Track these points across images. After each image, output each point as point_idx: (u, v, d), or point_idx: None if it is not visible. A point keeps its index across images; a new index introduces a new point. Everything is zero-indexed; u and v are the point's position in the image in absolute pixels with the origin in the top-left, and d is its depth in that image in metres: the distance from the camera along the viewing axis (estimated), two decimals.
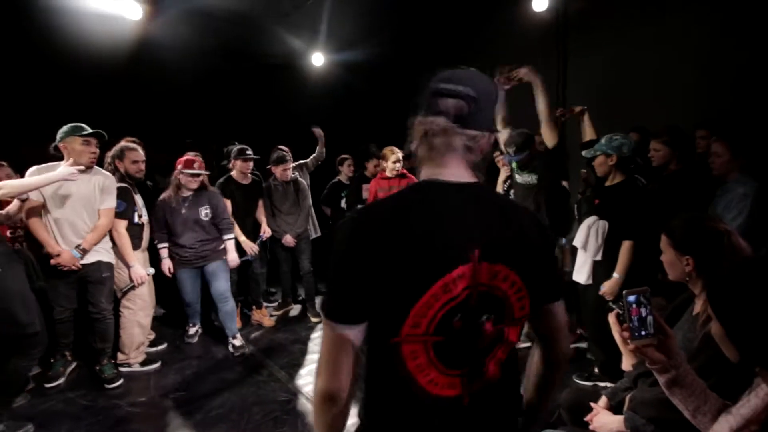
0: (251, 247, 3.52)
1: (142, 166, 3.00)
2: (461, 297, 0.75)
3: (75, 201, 2.57)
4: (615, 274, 2.33)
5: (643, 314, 1.09)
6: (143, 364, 2.99)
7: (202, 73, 5.76)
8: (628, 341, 1.08)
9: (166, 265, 3.16)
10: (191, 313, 3.45)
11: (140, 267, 2.91)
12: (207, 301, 3.44)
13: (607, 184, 2.46)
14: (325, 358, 0.76)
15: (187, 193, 3.11)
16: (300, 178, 3.86)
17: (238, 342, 3.25)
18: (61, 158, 2.53)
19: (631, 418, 1.35)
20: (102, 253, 2.72)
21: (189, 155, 3.12)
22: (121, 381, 2.77)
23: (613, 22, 4.60)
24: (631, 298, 1.10)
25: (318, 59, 6.70)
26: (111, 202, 2.72)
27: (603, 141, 2.41)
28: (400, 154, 3.55)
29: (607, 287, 2.35)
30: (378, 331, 0.76)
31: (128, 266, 2.85)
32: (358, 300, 0.74)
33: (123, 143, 2.98)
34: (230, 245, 3.26)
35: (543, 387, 0.98)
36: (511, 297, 0.80)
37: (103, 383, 2.72)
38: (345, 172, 4.24)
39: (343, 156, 4.33)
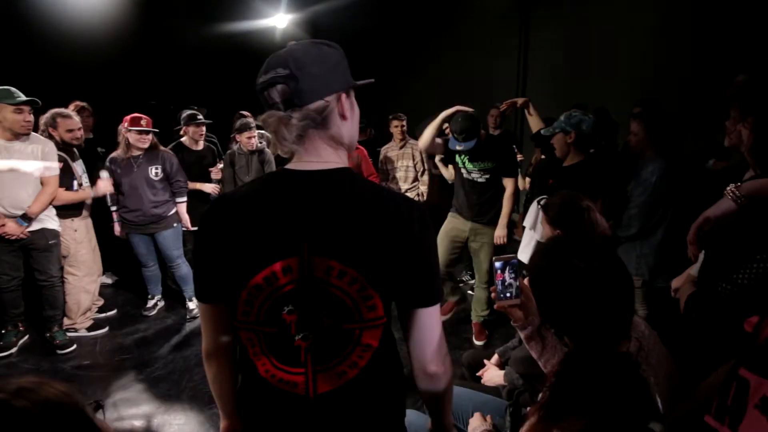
0: (213, 189, 3.52)
1: (78, 134, 2.93)
2: (286, 289, 0.75)
3: (14, 171, 2.51)
4: None
5: (507, 279, 1.22)
6: (90, 329, 3.05)
7: (160, 35, 5.54)
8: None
9: (118, 227, 3.17)
10: (149, 279, 3.38)
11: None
12: (165, 265, 3.41)
13: (565, 164, 2.38)
14: (201, 324, 0.87)
15: (137, 153, 3.04)
16: (267, 149, 3.75)
17: (192, 305, 3.32)
18: None
19: (510, 372, 1.51)
20: (46, 221, 2.70)
21: (135, 114, 3.03)
22: (74, 347, 2.82)
23: None
24: (498, 264, 1.22)
25: (281, 21, 6.49)
26: (53, 169, 2.67)
27: (562, 118, 2.33)
28: None
29: None
30: (230, 313, 0.81)
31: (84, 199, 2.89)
32: (206, 282, 0.82)
33: (55, 110, 2.88)
34: (182, 209, 3.25)
35: (426, 403, 0.91)
36: (353, 296, 0.75)
37: (56, 350, 2.78)
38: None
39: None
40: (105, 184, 2.95)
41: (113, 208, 3.15)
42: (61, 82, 4.18)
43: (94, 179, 3.04)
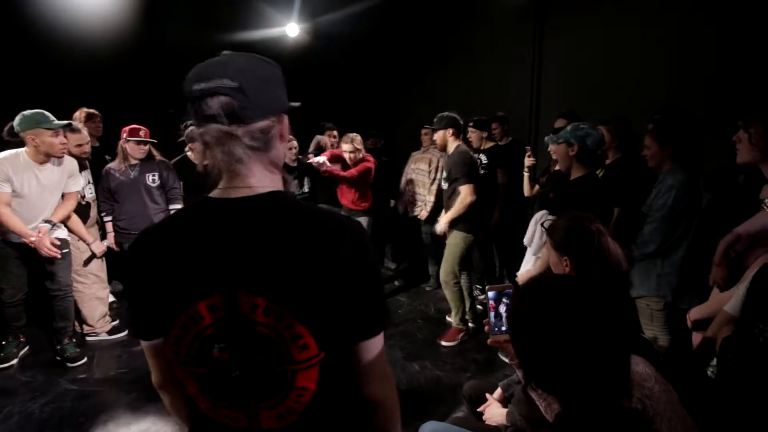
0: None
1: (87, 148, 2.97)
2: (213, 329, 0.70)
3: (42, 189, 2.57)
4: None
5: (503, 311, 1.09)
6: (110, 332, 3.11)
7: (170, 43, 5.58)
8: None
9: (111, 238, 3.16)
10: None
11: (99, 241, 3.05)
12: None
13: (571, 178, 2.29)
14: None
15: (133, 162, 3.08)
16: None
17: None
18: (17, 144, 2.49)
19: (512, 413, 1.37)
20: (56, 230, 2.71)
21: (134, 125, 3.07)
22: (84, 360, 2.80)
23: (590, 3, 4.46)
24: (491, 294, 1.09)
25: (293, 30, 6.48)
26: (77, 185, 2.78)
27: (569, 129, 2.25)
28: (356, 144, 3.42)
29: None
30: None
31: (87, 242, 2.94)
32: (139, 320, 0.78)
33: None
34: None
35: None
36: (282, 334, 0.68)
37: (66, 363, 2.74)
38: (288, 156, 4.19)
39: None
40: (101, 247, 3.05)
41: (107, 219, 3.15)
42: (69, 89, 4.19)
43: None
